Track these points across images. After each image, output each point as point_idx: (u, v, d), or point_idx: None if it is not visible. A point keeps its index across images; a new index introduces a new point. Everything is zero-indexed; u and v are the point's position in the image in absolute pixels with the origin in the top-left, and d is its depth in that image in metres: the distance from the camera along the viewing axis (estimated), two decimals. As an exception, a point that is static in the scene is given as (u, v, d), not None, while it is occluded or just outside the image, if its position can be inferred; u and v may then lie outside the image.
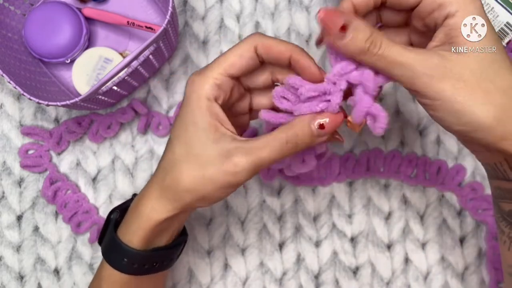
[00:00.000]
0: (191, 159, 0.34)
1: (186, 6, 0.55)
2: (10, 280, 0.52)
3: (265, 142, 0.33)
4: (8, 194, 0.53)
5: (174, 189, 0.35)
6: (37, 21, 0.50)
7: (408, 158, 0.52)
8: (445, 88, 0.30)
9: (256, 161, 0.33)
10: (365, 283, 0.51)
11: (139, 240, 0.36)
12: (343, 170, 0.52)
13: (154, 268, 0.39)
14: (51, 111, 0.53)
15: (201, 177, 0.33)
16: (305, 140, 0.34)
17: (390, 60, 0.31)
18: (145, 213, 0.36)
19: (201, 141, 0.33)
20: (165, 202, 0.35)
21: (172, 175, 0.35)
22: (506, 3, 0.47)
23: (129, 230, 0.37)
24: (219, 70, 0.34)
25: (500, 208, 0.37)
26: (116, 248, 0.37)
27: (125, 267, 0.37)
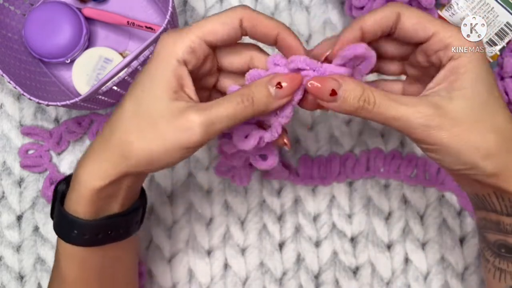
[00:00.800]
0: (141, 117, 0.32)
1: (186, 6, 0.55)
2: (10, 280, 0.52)
3: (220, 100, 0.32)
4: (8, 194, 0.53)
5: (119, 149, 0.32)
6: (37, 21, 0.50)
7: (408, 158, 0.52)
8: (442, 136, 0.31)
9: (210, 118, 0.31)
10: (365, 283, 0.51)
11: (84, 209, 0.34)
12: (343, 170, 0.52)
13: (110, 237, 0.36)
14: (51, 111, 0.53)
15: (149, 135, 0.31)
16: (261, 100, 0.32)
17: (385, 116, 0.32)
18: (83, 179, 0.33)
19: (155, 98, 0.31)
20: (106, 166, 0.33)
21: (117, 134, 0.32)
22: (506, 3, 0.47)
23: (72, 199, 0.34)
24: (198, 33, 0.32)
25: (486, 238, 0.38)
26: (64, 221, 0.35)
27: (77, 239, 0.35)
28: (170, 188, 0.52)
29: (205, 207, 0.52)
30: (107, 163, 0.33)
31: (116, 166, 0.33)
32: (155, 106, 0.31)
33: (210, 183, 0.52)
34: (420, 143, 0.32)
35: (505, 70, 0.46)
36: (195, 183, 0.52)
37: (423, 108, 0.31)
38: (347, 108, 0.32)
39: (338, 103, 0.32)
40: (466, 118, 0.31)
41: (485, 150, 0.31)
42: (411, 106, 0.31)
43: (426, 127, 0.31)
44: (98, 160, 0.33)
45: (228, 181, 0.52)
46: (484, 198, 0.36)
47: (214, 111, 0.31)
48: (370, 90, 0.32)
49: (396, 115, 0.31)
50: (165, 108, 0.31)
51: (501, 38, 0.48)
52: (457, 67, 0.31)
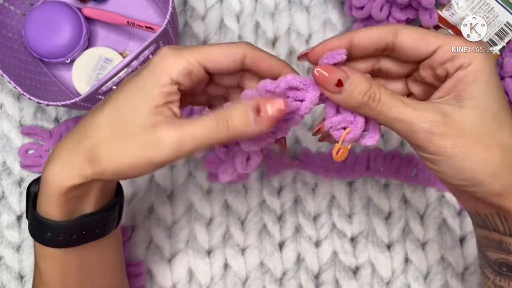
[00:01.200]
0: (117, 126, 0.31)
1: (186, 6, 0.55)
2: (10, 280, 0.52)
3: (195, 120, 0.30)
4: (8, 194, 0.53)
5: (88, 155, 0.31)
6: (37, 21, 0.50)
7: (408, 158, 0.52)
8: (446, 145, 0.30)
9: (182, 136, 0.30)
10: (365, 283, 0.51)
11: (54, 211, 0.33)
12: (343, 167, 0.52)
13: (85, 237, 0.35)
14: (51, 111, 0.53)
15: (120, 147, 0.30)
16: (237, 125, 0.30)
17: (389, 116, 0.30)
18: (50, 179, 0.32)
19: (134, 110, 0.30)
20: (73, 168, 0.31)
21: (90, 138, 0.31)
22: (506, 3, 0.47)
23: (42, 201, 0.33)
24: (198, 57, 0.31)
25: (486, 256, 0.36)
26: (37, 223, 0.34)
27: (51, 241, 0.34)
28: (170, 188, 0.52)
29: (205, 207, 0.52)
30: (74, 166, 0.32)
31: (82, 170, 0.32)
32: (133, 118, 0.30)
33: (210, 183, 0.52)
34: (421, 150, 0.31)
35: (505, 70, 0.46)
36: (195, 183, 0.52)
37: (429, 112, 0.30)
38: (351, 102, 0.31)
39: (343, 96, 0.31)
40: (474, 130, 0.30)
41: (492, 166, 0.30)
42: (416, 109, 0.30)
43: (429, 133, 0.30)
44: (66, 161, 0.32)
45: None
46: (486, 217, 0.34)
47: (187, 130, 0.30)
48: (377, 87, 0.31)
49: (399, 117, 0.30)
50: (140, 121, 0.30)
51: (501, 38, 0.48)
52: (466, 76, 0.30)
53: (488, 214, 0.34)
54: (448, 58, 0.31)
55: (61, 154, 0.32)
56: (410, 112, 0.30)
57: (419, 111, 0.30)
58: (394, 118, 0.30)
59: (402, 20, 0.47)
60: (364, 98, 0.31)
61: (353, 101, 0.31)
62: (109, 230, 0.38)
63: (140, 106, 0.31)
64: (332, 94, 0.31)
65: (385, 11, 0.47)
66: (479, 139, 0.30)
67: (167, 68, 0.31)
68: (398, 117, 0.30)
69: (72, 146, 0.32)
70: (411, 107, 0.30)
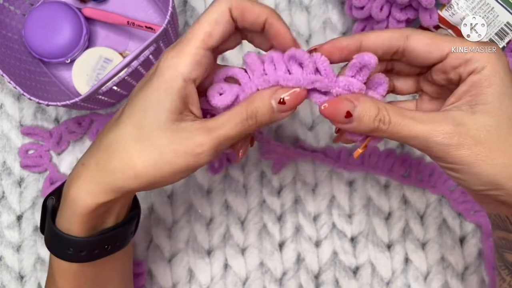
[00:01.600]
0: (146, 142, 0.30)
1: (186, 6, 0.55)
2: (10, 280, 0.52)
3: (225, 119, 0.31)
4: (8, 194, 0.53)
5: (120, 174, 0.31)
6: (37, 21, 0.50)
7: (402, 158, 0.52)
8: (463, 154, 0.30)
9: (218, 139, 0.31)
10: (365, 283, 0.51)
11: (78, 228, 0.33)
12: (338, 160, 0.52)
13: (106, 251, 0.35)
14: (51, 111, 0.53)
15: (156, 162, 0.30)
16: (265, 116, 0.32)
17: (401, 135, 0.31)
18: (78, 197, 0.32)
19: (158, 123, 0.30)
20: (105, 187, 0.31)
21: (119, 158, 0.31)
22: (506, 3, 0.47)
23: (65, 218, 0.33)
24: (197, 43, 0.31)
25: (504, 258, 0.36)
26: (58, 239, 0.34)
27: (73, 257, 0.34)
28: (170, 188, 0.52)
29: (205, 207, 0.52)
30: (105, 185, 0.32)
31: (114, 188, 0.32)
32: (159, 133, 0.30)
33: (210, 183, 0.52)
34: (440, 161, 0.31)
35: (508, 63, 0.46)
36: (195, 183, 0.52)
37: (442, 125, 0.30)
38: (363, 128, 0.31)
39: (353, 125, 0.31)
40: (490, 135, 0.30)
41: (510, 170, 0.30)
42: (428, 124, 0.30)
43: (445, 146, 0.30)
44: (94, 181, 0.32)
45: (228, 181, 0.52)
46: (507, 219, 0.34)
47: (221, 131, 0.31)
48: (386, 109, 0.31)
49: (411, 134, 0.30)
50: (169, 134, 0.30)
51: (501, 38, 0.48)
52: (479, 80, 0.30)
53: (510, 216, 0.34)
54: (460, 62, 0.31)
55: (86, 174, 0.32)
56: (421, 128, 0.30)
57: (430, 124, 0.30)
58: (407, 136, 0.30)
59: (402, 20, 0.47)
60: (375, 123, 0.31)
61: (365, 128, 0.31)
62: (127, 242, 0.38)
63: (163, 119, 0.30)
64: (343, 126, 0.32)
65: (385, 11, 0.47)
66: (496, 144, 0.30)
67: (176, 70, 0.31)
68: (410, 135, 0.30)
69: (100, 166, 0.32)
70: (422, 123, 0.30)
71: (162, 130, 0.30)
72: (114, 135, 0.32)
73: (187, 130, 0.31)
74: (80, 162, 0.33)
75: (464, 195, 0.52)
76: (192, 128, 0.31)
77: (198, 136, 0.30)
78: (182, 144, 0.30)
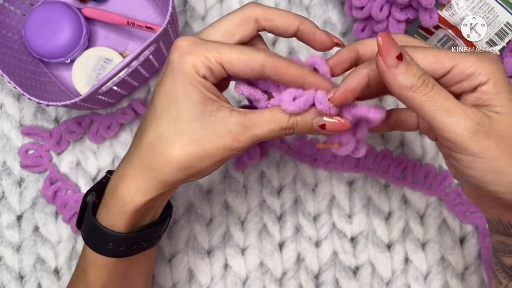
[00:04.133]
0: (185, 135, 0.32)
1: (186, 6, 0.55)
2: (10, 280, 0.52)
3: (265, 121, 0.32)
4: (8, 194, 0.53)
5: (166, 168, 0.32)
6: (37, 21, 0.50)
7: (398, 160, 0.52)
8: (490, 145, 0.29)
9: (255, 138, 0.32)
10: (365, 283, 0.51)
11: (123, 224, 0.34)
12: (333, 159, 0.52)
13: (142, 247, 0.37)
14: (51, 111, 0.53)
15: (197, 154, 0.32)
16: (302, 130, 0.33)
17: (439, 104, 0.29)
18: (128, 195, 0.33)
19: (195, 116, 0.32)
20: (153, 183, 0.33)
21: (163, 153, 0.32)
22: (506, 3, 0.47)
23: (111, 214, 0.34)
24: (217, 57, 0.32)
25: (502, 261, 0.36)
26: (99, 234, 0.35)
27: (112, 251, 0.36)
28: (170, 188, 0.52)
29: (205, 207, 0.52)
30: (153, 180, 0.33)
31: (162, 182, 0.33)
32: (197, 125, 0.32)
33: (210, 183, 0.52)
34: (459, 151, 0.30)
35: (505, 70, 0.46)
36: (195, 183, 0.52)
37: (475, 111, 0.30)
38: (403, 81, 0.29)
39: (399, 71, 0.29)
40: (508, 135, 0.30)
41: None
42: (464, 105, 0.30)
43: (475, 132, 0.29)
44: (142, 178, 0.33)
45: (228, 181, 0.52)
46: (508, 224, 0.34)
47: (259, 131, 0.32)
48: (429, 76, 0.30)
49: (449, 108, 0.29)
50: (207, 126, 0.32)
51: (501, 38, 0.47)
52: (487, 90, 0.30)
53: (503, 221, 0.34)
54: (463, 77, 0.31)
55: (133, 173, 0.33)
56: (459, 107, 0.30)
57: (467, 107, 0.30)
58: (443, 108, 0.29)
59: (402, 20, 0.47)
60: (419, 80, 0.30)
61: (407, 80, 0.29)
62: (159, 240, 0.39)
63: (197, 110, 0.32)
64: (388, 68, 0.30)
65: (385, 11, 0.47)
66: None
67: (192, 67, 0.31)
68: (448, 108, 0.29)
69: (146, 163, 0.33)
70: (459, 103, 0.30)
71: (200, 123, 0.32)
72: (153, 131, 0.33)
73: (225, 122, 0.32)
74: (125, 161, 0.35)
75: (459, 197, 0.51)
76: (230, 122, 0.32)
77: (236, 130, 0.32)
78: (221, 138, 0.32)
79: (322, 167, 0.52)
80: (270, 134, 0.32)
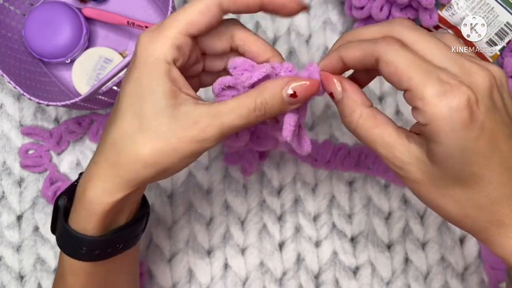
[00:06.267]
0: (149, 131, 0.30)
1: (186, 6, 0.55)
2: (10, 280, 0.52)
3: (232, 107, 0.31)
4: (8, 194, 0.53)
5: (131, 166, 0.31)
6: (37, 21, 0.50)
7: None
8: (407, 183, 0.31)
9: (222, 127, 0.30)
10: (365, 283, 0.51)
11: (94, 227, 0.33)
12: (333, 159, 0.52)
13: (118, 250, 0.36)
14: (51, 111, 0.53)
15: (162, 149, 0.30)
16: (274, 108, 0.31)
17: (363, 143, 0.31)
18: (95, 196, 0.32)
19: (158, 110, 0.30)
20: (119, 182, 0.32)
21: (127, 151, 0.31)
22: (506, 3, 0.47)
23: (81, 218, 0.33)
24: (178, 28, 0.30)
25: None
26: (71, 238, 0.34)
27: (86, 256, 0.34)
28: (170, 188, 0.52)
29: (205, 207, 0.52)
30: (120, 180, 0.32)
31: (129, 181, 0.32)
32: (161, 121, 0.30)
33: (210, 183, 0.52)
34: None
35: (505, 70, 0.46)
36: (195, 183, 0.52)
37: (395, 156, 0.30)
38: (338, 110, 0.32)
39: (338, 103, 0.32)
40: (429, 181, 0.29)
41: (446, 212, 0.30)
42: (385, 149, 0.30)
43: (393, 171, 0.30)
44: (107, 178, 0.32)
45: (228, 181, 0.52)
46: None
47: (227, 119, 0.30)
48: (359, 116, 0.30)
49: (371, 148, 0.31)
50: (171, 120, 0.30)
51: (501, 38, 0.48)
52: (426, 133, 0.28)
53: None
54: (411, 105, 0.28)
55: (98, 172, 0.32)
56: (380, 150, 0.30)
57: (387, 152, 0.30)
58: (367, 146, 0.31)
59: (402, 20, 0.47)
60: (345, 118, 0.31)
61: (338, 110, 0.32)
62: (137, 240, 0.38)
63: (161, 104, 0.30)
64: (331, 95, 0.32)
65: (385, 11, 0.47)
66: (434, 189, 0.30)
67: (157, 55, 0.30)
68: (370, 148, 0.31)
69: (111, 162, 0.32)
70: (382, 147, 0.30)
71: (164, 117, 0.30)
72: (116, 129, 0.32)
73: (190, 115, 0.30)
74: (92, 161, 0.33)
75: None
76: (195, 114, 0.30)
77: (202, 122, 0.30)
78: (186, 130, 0.30)
79: (323, 166, 0.52)
80: (239, 120, 0.31)
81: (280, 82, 0.31)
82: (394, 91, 0.53)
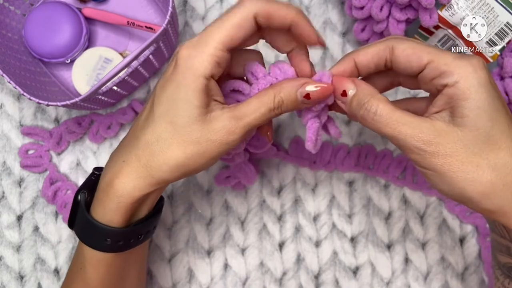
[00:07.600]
0: (182, 137, 0.33)
1: (186, 6, 0.55)
2: (10, 280, 0.52)
3: (254, 108, 0.33)
4: (8, 194, 0.53)
5: (163, 167, 0.34)
6: (37, 21, 0.50)
7: (398, 160, 0.52)
8: (436, 162, 0.30)
9: (248, 127, 0.33)
10: (365, 283, 0.51)
11: (120, 219, 0.35)
12: (333, 160, 0.52)
13: (139, 240, 0.38)
14: (51, 111, 0.53)
15: (194, 153, 0.33)
16: (289, 106, 0.34)
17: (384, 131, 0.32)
18: (125, 191, 0.34)
19: (192, 119, 0.33)
20: (150, 181, 0.34)
21: (161, 154, 0.33)
22: (506, 3, 0.47)
23: (108, 210, 0.35)
24: (217, 45, 0.32)
25: (497, 258, 0.37)
26: (95, 230, 0.36)
27: (110, 247, 0.37)
28: (170, 188, 0.52)
29: (205, 207, 0.52)
30: (150, 178, 0.34)
31: (159, 179, 0.34)
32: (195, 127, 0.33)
33: (210, 183, 0.52)
34: (416, 164, 0.32)
35: (505, 70, 0.46)
36: (195, 183, 0.52)
37: (423, 131, 0.31)
38: (350, 112, 0.34)
39: (345, 105, 0.34)
40: (464, 149, 0.30)
41: (480, 186, 0.30)
42: (410, 128, 0.31)
43: (421, 151, 0.31)
44: (139, 176, 0.34)
45: (228, 181, 0.52)
46: (494, 223, 0.35)
47: (249, 119, 0.33)
48: (377, 101, 0.32)
49: (393, 133, 0.31)
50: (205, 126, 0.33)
51: (501, 38, 0.48)
52: (455, 94, 0.30)
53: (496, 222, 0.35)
54: (435, 74, 0.31)
55: (129, 170, 0.34)
56: (404, 130, 0.31)
57: (412, 129, 0.31)
58: (388, 134, 0.31)
59: (402, 20, 0.47)
60: (361, 111, 0.32)
61: (351, 111, 0.33)
62: (154, 231, 0.40)
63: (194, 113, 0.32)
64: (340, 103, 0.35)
65: (385, 11, 0.47)
66: (470, 158, 0.30)
67: (197, 71, 0.32)
68: (392, 134, 0.31)
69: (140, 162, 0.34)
70: (407, 125, 0.31)
71: (196, 125, 0.33)
72: (151, 132, 0.34)
73: (218, 119, 0.33)
74: (120, 159, 0.35)
75: None
76: (222, 118, 0.33)
77: (229, 125, 0.33)
78: (216, 134, 0.33)
79: (322, 168, 0.52)
80: (261, 118, 0.33)
81: (296, 83, 0.34)
82: (394, 91, 0.53)
